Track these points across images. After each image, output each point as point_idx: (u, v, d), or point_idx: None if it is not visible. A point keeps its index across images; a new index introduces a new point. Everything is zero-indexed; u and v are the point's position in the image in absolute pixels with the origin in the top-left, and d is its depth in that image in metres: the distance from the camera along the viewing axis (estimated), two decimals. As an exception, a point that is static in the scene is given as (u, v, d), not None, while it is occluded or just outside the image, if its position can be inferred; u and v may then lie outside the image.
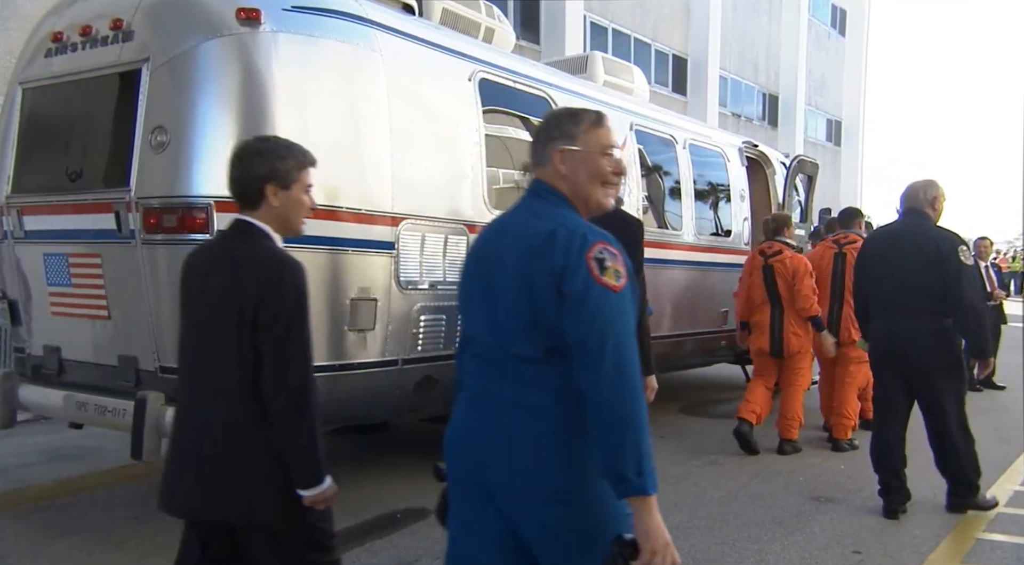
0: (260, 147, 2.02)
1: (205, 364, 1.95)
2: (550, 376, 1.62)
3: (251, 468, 1.88)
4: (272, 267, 1.88)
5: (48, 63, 3.81)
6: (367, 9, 3.81)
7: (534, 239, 1.63)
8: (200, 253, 2.10)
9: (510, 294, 1.64)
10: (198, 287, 1.99)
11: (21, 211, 3.84)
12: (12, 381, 3.92)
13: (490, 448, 1.66)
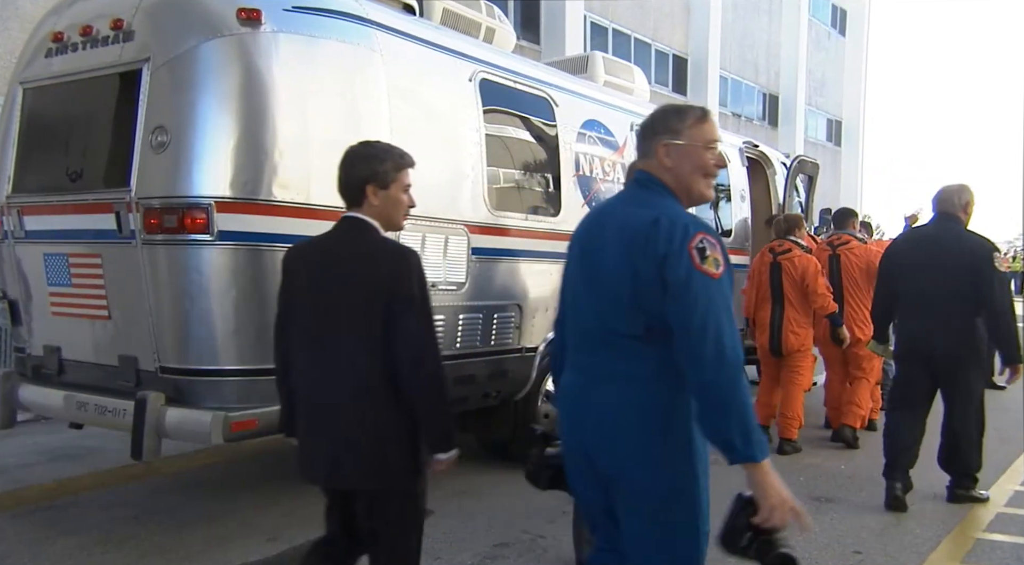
0: (361, 151, 2.21)
1: (332, 345, 2.12)
2: (649, 351, 1.77)
3: (386, 437, 2.08)
4: (401, 255, 2.14)
5: (48, 63, 3.81)
6: (367, 9, 3.81)
7: (638, 227, 1.77)
8: (308, 247, 2.28)
9: (613, 277, 1.80)
10: (316, 276, 2.16)
11: (21, 211, 3.84)
12: (12, 381, 3.92)
13: (594, 418, 1.83)
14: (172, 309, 3.33)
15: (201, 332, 3.29)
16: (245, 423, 3.26)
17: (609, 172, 5.22)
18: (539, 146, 4.81)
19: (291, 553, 3.43)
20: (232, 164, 3.25)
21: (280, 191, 3.31)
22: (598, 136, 5.18)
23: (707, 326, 1.66)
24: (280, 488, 4.38)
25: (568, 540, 3.65)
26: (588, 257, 1.93)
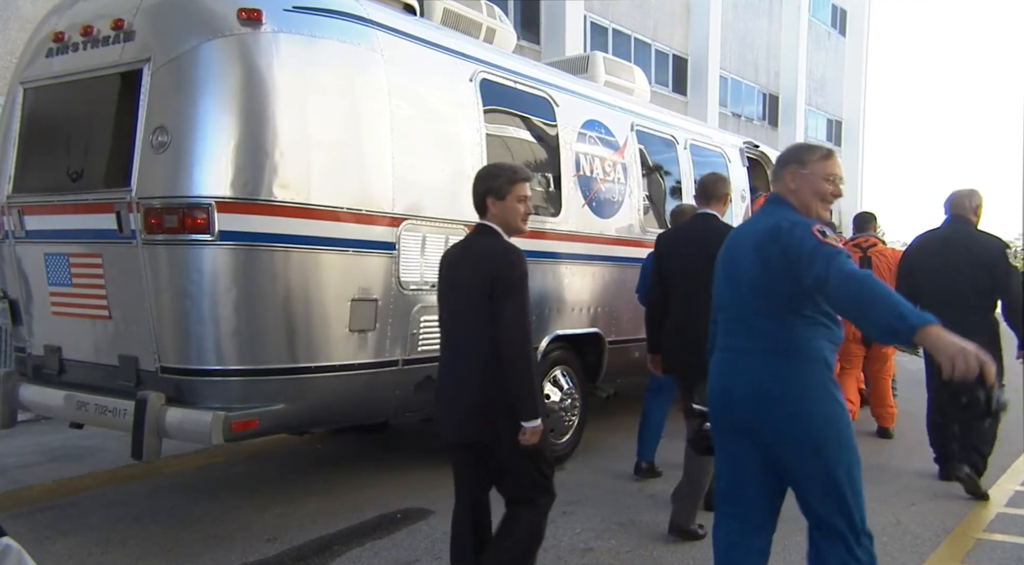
0: (483, 171, 2.77)
1: (463, 326, 2.58)
2: (780, 328, 2.25)
3: (496, 402, 2.49)
4: (505, 253, 2.55)
5: (49, 63, 3.81)
6: (368, 9, 3.81)
7: (764, 230, 2.28)
8: (455, 248, 2.78)
9: (749, 271, 2.31)
10: (455, 272, 2.65)
11: (22, 211, 3.84)
12: (13, 381, 3.92)
13: (744, 386, 2.29)
14: (172, 309, 3.33)
15: (201, 332, 3.29)
16: (246, 423, 3.26)
17: (609, 172, 5.22)
18: (539, 146, 4.81)
19: (291, 553, 3.43)
20: (232, 164, 3.25)
21: (280, 191, 3.31)
22: (598, 136, 5.18)
23: (841, 271, 2.05)
24: (280, 489, 4.38)
25: (568, 540, 3.66)
26: (731, 262, 2.42)
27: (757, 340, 2.29)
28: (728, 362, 2.38)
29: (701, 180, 4.12)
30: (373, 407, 3.92)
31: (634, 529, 3.82)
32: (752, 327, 2.31)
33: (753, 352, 2.30)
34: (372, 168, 3.67)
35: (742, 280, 2.34)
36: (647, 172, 5.68)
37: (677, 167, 6.07)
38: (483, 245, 2.61)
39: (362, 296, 3.59)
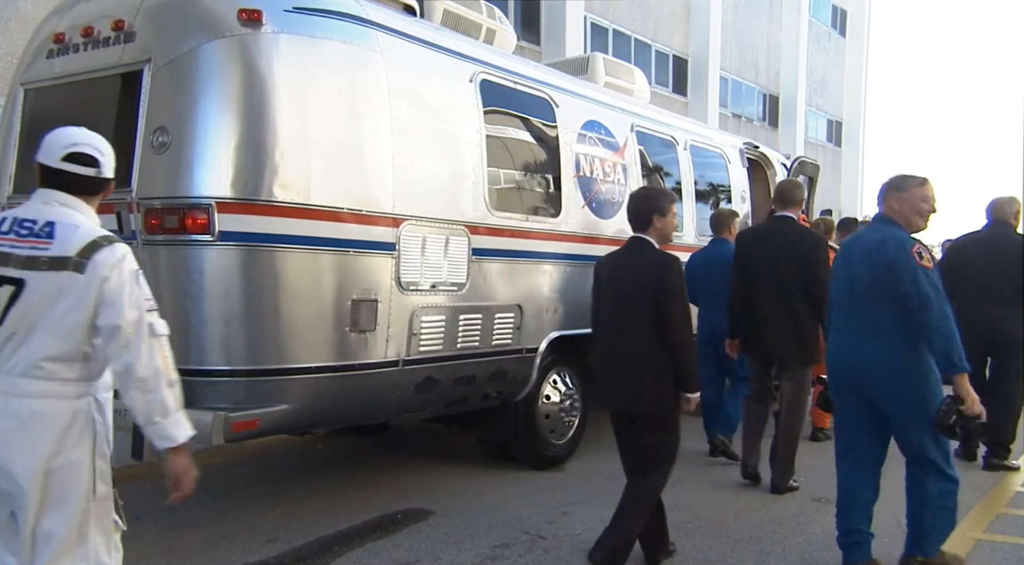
0: (647, 192, 3.68)
1: (625, 321, 3.23)
2: (890, 316, 3.04)
3: (658, 382, 3.20)
4: (667, 263, 3.20)
5: (50, 64, 3.81)
6: (368, 10, 3.81)
7: (872, 243, 3.11)
8: (610, 256, 3.47)
9: (861, 273, 3.12)
10: (618, 277, 3.30)
11: (23, 212, 3.85)
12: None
13: (860, 360, 3.11)
14: (173, 309, 3.32)
15: (202, 332, 3.29)
16: (246, 423, 3.26)
17: (609, 173, 5.21)
18: (539, 147, 4.82)
19: (291, 554, 3.43)
20: (233, 165, 3.26)
21: (281, 191, 3.31)
22: (598, 137, 5.18)
23: (930, 296, 2.90)
24: (280, 489, 4.38)
25: (568, 540, 3.66)
26: (846, 266, 3.22)
27: (872, 324, 3.10)
28: (849, 341, 3.18)
29: (779, 185, 4.83)
30: (373, 408, 3.92)
31: (634, 529, 3.82)
32: (866, 315, 3.11)
33: (870, 333, 3.10)
34: (372, 168, 3.67)
35: (856, 280, 3.13)
36: (647, 173, 5.68)
37: (677, 168, 6.07)
38: (644, 255, 3.26)
39: (362, 296, 3.59)
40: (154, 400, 1.98)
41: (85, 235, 1.95)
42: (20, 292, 1.92)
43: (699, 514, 4.04)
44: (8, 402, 1.91)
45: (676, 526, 3.84)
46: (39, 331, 1.92)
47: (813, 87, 24.46)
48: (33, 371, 1.92)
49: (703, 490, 4.48)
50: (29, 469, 1.91)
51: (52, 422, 1.94)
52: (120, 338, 1.93)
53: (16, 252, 1.93)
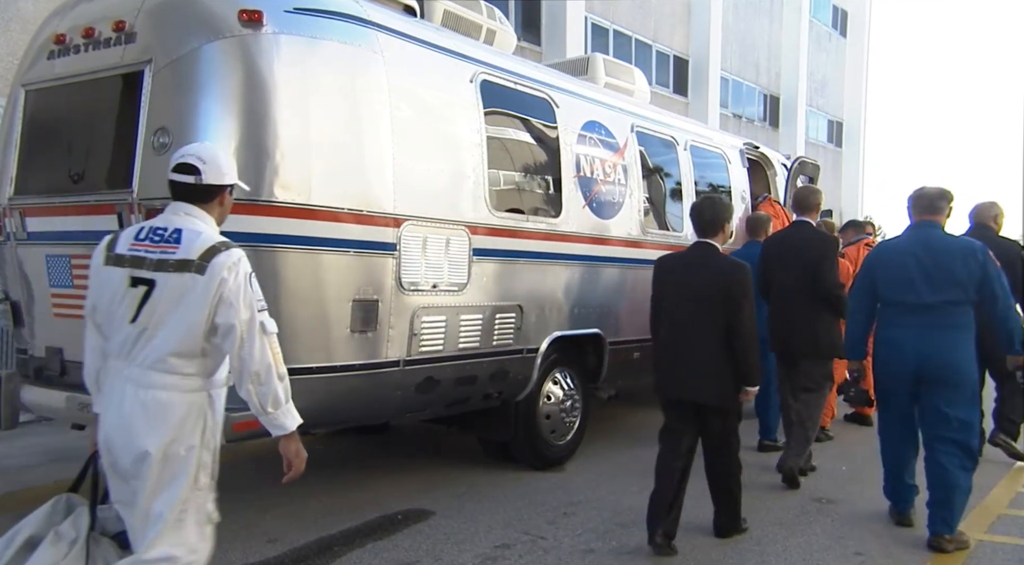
0: (719, 201, 3.92)
1: (696, 319, 3.51)
2: (963, 312, 3.63)
3: (722, 374, 3.51)
4: (740, 267, 3.56)
5: (51, 65, 3.82)
6: (368, 11, 3.81)
7: (958, 247, 3.67)
8: (675, 257, 3.82)
9: (949, 270, 3.59)
10: (688, 279, 3.58)
11: (24, 212, 3.85)
12: (15, 382, 3.93)
13: (922, 348, 3.60)
14: (174, 310, 3.33)
15: (203, 333, 3.29)
16: (247, 423, 3.27)
17: (610, 173, 5.21)
18: (540, 147, 4.82)
19: (292, 555, 3.43)
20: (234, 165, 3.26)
21: (281, 192, 3.31)
22: (599, 137, 5.17)
23: (998, 289, 3.60)
24: (281, 490, 4.35)
25: (568, 541, 3.66)
26: (917, 264, 3.66)
27: (944, 317, 3.59)
28: (916, 332, 3.62)
29: (797, 192, 5.19)
30: (374, 408, 3.92)
31: (635, 530, 3.81)
32: (935, 309, 3.60)
33: (936, 327, 3.59)
34: (373, 169, 3.67)
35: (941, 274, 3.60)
36: (647, 173, 5.68)
37: (677, 168, 6.07)
38: (715, 259, 3.58)
39: (363, 297, 3.59)
40: (267, 392, 2.16)
41: (206, 241, 2.16)
42: (151, 292, 2.13)
43: (700, 515, 4.03)
44: (136, 392, 2.12)
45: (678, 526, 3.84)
46: (166, 327, 2.12)
47: (814, 87, 24.44)
48: (159, 364, 2.12)
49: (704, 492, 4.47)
50: (153, 449, 2.10)
51: (172, 412, 2.13)
52: (235, 335, 2.11)
53: (149, 256, 2.16)
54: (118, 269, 2.18)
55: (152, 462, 2.11)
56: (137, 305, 2.13)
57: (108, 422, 2.17)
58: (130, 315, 2.14)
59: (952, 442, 3.59)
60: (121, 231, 2.29)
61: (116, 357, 2.18)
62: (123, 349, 2.16)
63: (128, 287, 2.15)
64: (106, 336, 2.22)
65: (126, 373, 2.15)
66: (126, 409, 2.12)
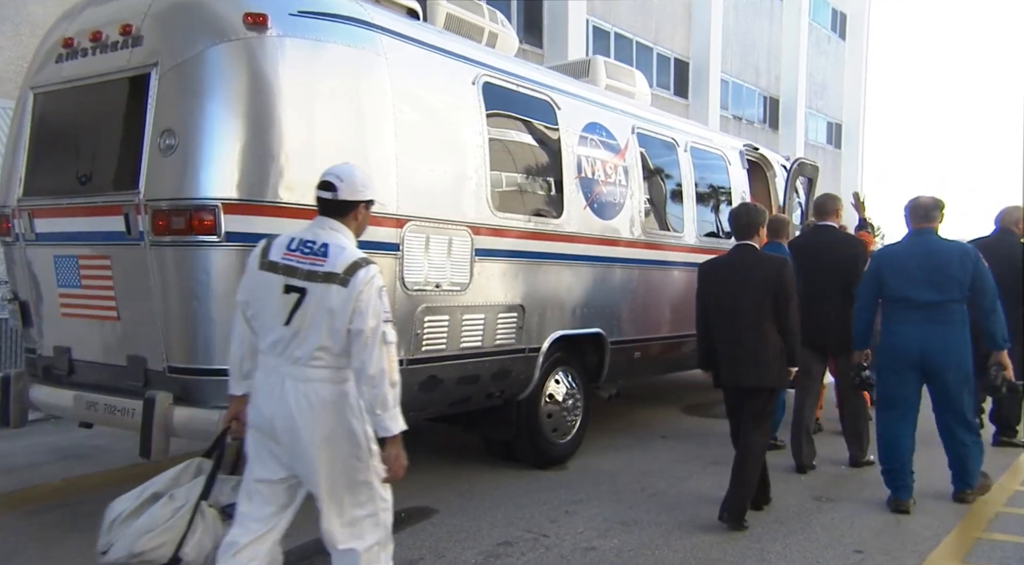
0: (756, 208, 4.17)
1: (749, 312, 3.86)
2: (960, 308, 4.05)
3: (771, 359, 3.84)
4: (785, 264, 3.94)
5: (59, 68, 3.82)
6: (372, 14, 3.82)
7: (955, 250, 4.09)
8: (718, 260, 4.13)
9: (948, 272, 4.01)
10: (732, 279, 3.94)
11: (32, 214, 3.85)
12: (23, 381, 3.93)
13: (926, 340, 4.04)
14: (180, 310, 3.33)
15: (209, 332, 3.29)
16: (252, 422, 3.26)
17: (611, 174, 5.21)
18: (541, 149, 4.81)
19: (295, 553, 3.43)
20: (239, 166, 3.26)
21: (286, 193, 3.31)
22: (600, 139, 5.17)
23: (987, 286, 4.05)
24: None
25: (570, 538, 3.66)
26: (918, 264, 4.08)
27: (944, 313, 4.02)
28: (920, 327, 4.04)
29: (818, 200, 5.33)
30: (377, 407, 3.92)
31: (636, 528, 3.81)
32: (937, 306, 4.02)
33: (937, 322, 4.02)
34: (376, 170, 3.65)
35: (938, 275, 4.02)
36: (648, 174, 5.67)
37: (678, 169, 6.06)
38: (759, 258, 3.96)
39: (366, 297, 3.59)
40: (378, 395, 2.32)
41: (349, 256, 2.39)
42: (303, 299, 2.36)
43: (699, 514, 4.03)
44: (296, 385, 2.36)
45: (676, 526, 3.84)
46: (316, 330, 2.35)
47: (813, 90, 24.40)
48: (313, 361, 2.36)
49: (704, 491, 4.47)
50: (317, 438, 2.35)
51: (327, 401, 2.37)
52: (361, 340, 2.32)
53: (300, 266, 2.39)
54: (272, 275, 2.41)
55: (319, 445, 2.36)
56: (290, 310, 2.36)
57: (268, 411, 2.40)
58: (284, 318, 2.36)
59: (957, 421, 4.12)
60: (273, 239, 2.50)
61: (270, 354, 2.41)
62: (277, 347, 2.38)
63: (282, 294, 2.37)
64: (256, 332, 2.46)
65: (283, 370, 2.38)
66: (290, 401, 2.35)
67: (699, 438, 5.73)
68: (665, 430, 5.89)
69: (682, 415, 6.62)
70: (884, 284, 4.16)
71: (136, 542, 2.41)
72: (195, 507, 2.48)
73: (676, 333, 5.86)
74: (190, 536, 2.45)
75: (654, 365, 6.16)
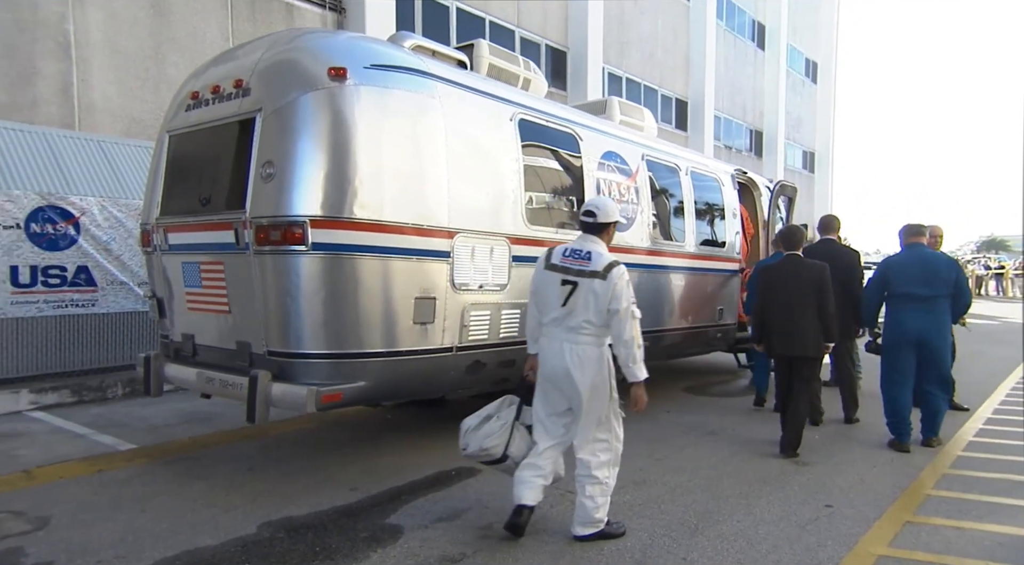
0: (798, 229, 4.61)
1: (800, 302, 4.32)
2: (945, 301, 4.40)
3: (816, 334, 4.30)
4: (823, 267, 4.37)
5: (188, 115, 3.89)
6: (429, 65, 3.78)
7: (942, 259, 4.48)
8: (775, 266, 4.55)
9: (938, 274, 4.37)
10: (786, 277, 4.40)
11: (166, 229, 3.93)
12: (159, 361, 4.01)
13: (923, 326, 4.40)
14: (276, 305, 3.35)
15: (299, 323, 3.30)
16: (333, 396, 3.25)
17: (625, 194, 5.10)
18: (567, 173, 4.72)
19: (369, 500, 3.42)
20: (322, 190, 3.25)
21: (359, 210, 3.30)
22: (615, 165, 5.06)
23: (963, 284, 4.44)
24: (359, 449, 4.39)
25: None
26: (918, 268, 4.42)
27: (934, 305, 4.37)
28: (919, 315, 4.39)
29: (822, 219, 5.58)
30: (432, 385, 3.88)
31: (645, 486, 3.69)
32: (930, 300, 4.38)
33: (931, 312, 4.37)
34: (431, 192, 3.63)
35: (932, 277, 4.37)
36: (655, 194, 5.53)
37: (680, 190, 5.90)
38: (803, 263, 4.42)
39: (423, 295, 3.56)
40: (630, 353, 2.80)
41: (606, 259, 2.88)
42: (575, 289, 2.84)
43: (697, 475, 3.89)
44: (571, 347, 2.84)
45: (678, 485, 3.71)
46: (582, 309, 2.83)
47: (791, 124, 23.78)
48: (581, 330, 2.84)
49: (701, 456, 4.32)
50: (587, 382, 2.83)
51: (592, 358, 2.84)
52: (619, 317, 2.78)
53: (572, 267, 2.88)
54: (554, 273, 2.90)
55: (585, 387, 2.82)
56: (566, 296, 2.85)
57: (551, 364, 2.87)
58: (562, 302, 2.86)
59: (936, 383, 4.51)
60: (552, 249, 2.97)
61: (551, 326, 2.89)
62: (556, 321, 2.87)
63: (560, 285, 2.86)
64: (541, 311, 2.94)
65: (561, 336, 2.86)
66: (566, 357, 2.83)
67: (698, 413, 5.57)
68: (669, 406, 5.73)
69: (684, 394, 6.44)
70: (890, 283, 4.50)
71: (482, 443, 2.93)
72: (512, 424, 2.96)
73: (679, 326, 5.71)
74: (512, 442, 2.93)
75: (660, 352, 6.01)
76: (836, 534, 3.08)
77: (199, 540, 2.89)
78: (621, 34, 15.12)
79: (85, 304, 5.62)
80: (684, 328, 5.81)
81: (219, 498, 3.39)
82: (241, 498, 3.39)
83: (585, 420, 2.86)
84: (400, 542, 2.91)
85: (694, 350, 6.52)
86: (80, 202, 5.58)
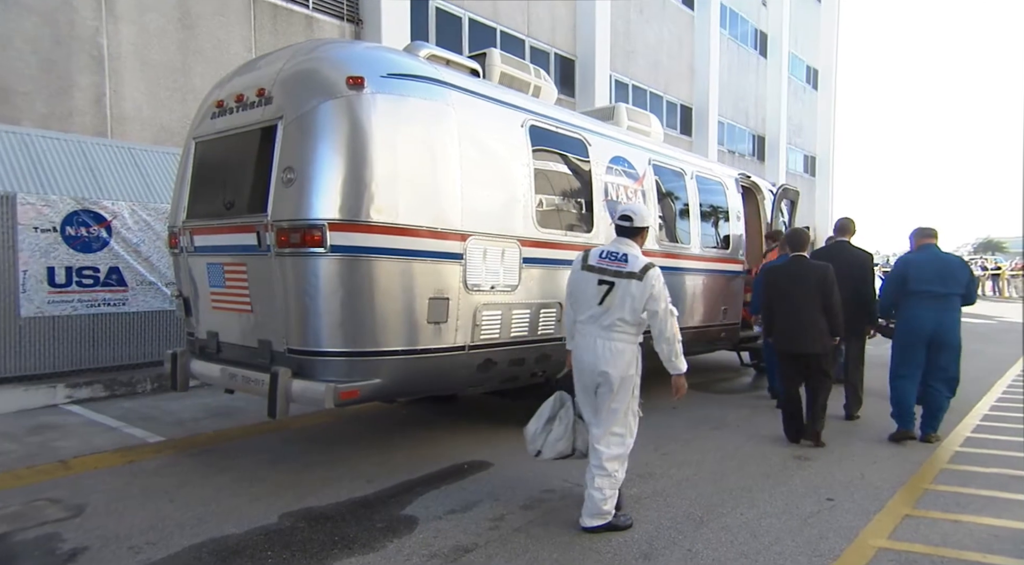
0: (804, 232, 4.59)
1: (806, 300, 4.33)
2: (958, 299, 4.43)
3: (821, 332, 4.32)
4: (829, 268, 4.36)
5: (213, 123, 3.90)
6: (443, 74, 3.77)
7: (955, 260, 4.51)
8: (780, 267, 4.53)
9: (953, 274, 4.41)
10: (791, 279, 4.40)
11: (192, 231, 3.95)
12: (186, 357, 4.03)
13: (938, 321, 4.40)
14: (296, 305, 3.35)
15: (318, 322, 3.30)
16: (350, 392, 3.25)
17: (632, 197, 5.05)
18: (576, 177, 4.69)
19: (385, 492, 3.42)
20: (341, 194, 3.25)
21: (376, 214, 3.29)
22: (623, 169, 5.02)
23: (975, 288, 4.45)
24: (374, 443, 4.39)
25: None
26: (933, 269, 4.42)
27: (948, 303, 4.40)
28: (934, 312, 4.40)
29: (838, 221, 5.44)
30: (445, 382, 3.87)
31: (651, 479, 3.65)
32: (944, 297, 4.39)
33: (945, 309, 4.39)
34: (445, 196, 3.62)
35: (947, 278, 4.40)
36: (661, 197, 5.48)
37: (686, 193, 5.84)
38: (808, 264, 4.41)
39: (437, 295, 3.55)
40: (672, 349, 2.90)
41: (642, 262, 2.93)
42: (612, 289, 2.91)
43: (702, 469, 3.85)
44: (605, 342, 2.91)
45: (683, 479, 3.67)
46: (617, 308, 2.90)
47: (792, 129, 23.53)
48: (615, 327, 2.91)
49: (706, 451, 4.28)
50: (617, 377, 2.90)
51: (624, 353, 2.91)
52: (659, 316, 2.87)
53: (609, 267, 2.95)
54: (590, 274, 2.96)
55: (615, 381, 2.89)
56: (603, 295, 2.91)
57: (585, 359, 2.94)
58: (598, 300, 2.92)
59: (943, 381, 4.49)
60: (589, 251, 3.03)
61: (587, 323, 2.95)
62: (593, 318, 2.93)
63: (597, 285, 2.93)
64: (577, 309, 3.00)
65: (596, 333, 2.92)
66: (599, 352, 2.90)
67: (703, 409, 5.52)
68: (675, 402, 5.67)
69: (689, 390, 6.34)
70: (908, 280, 4.49)
71: (555, 447, 3.04)
72: (573, 422, 3.06)
73: (685, 325, 5.64)
74: (577, 436, 3.04)
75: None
76: (837, 527, 3.05)
77: (224, 528, 2.90)
78: (627, 43, 15.05)
79: (116, 303, 5.68)
80: (690, 327, 5.75)
81: (243, 489, 3.40)
82: (263, 489, 3.40)
83: (607, 412, 2.91)
84: (415, 533, 2.91)
85: (699, 348, 6.46)
86: (112, 206, 5.64)
